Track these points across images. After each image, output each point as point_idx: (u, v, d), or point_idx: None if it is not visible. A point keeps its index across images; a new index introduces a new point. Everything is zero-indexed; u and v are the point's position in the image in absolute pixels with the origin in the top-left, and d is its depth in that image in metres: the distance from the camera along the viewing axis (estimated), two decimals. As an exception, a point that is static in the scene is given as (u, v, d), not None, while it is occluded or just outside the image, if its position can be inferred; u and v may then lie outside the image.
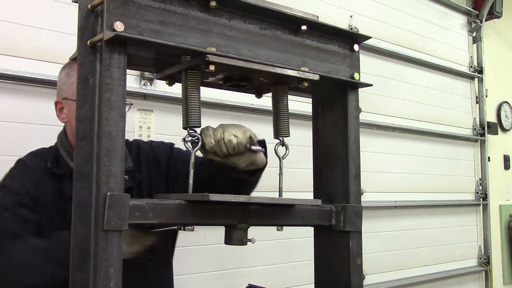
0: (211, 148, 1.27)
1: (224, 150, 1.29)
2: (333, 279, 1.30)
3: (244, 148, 1.32)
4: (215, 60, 1.04)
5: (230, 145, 1.29)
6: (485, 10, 5.09)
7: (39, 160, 1.64)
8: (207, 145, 1.27)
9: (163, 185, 1.72)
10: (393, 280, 4.01)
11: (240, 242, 1.17)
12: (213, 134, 1.28)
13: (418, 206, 4.33)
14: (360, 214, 1.28)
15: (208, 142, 1.27)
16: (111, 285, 0.93)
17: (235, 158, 1.34)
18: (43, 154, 1.68)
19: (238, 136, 1.31)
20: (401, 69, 4.33)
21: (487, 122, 5.07)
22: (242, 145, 1.31)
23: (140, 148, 1.78)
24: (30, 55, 2.38)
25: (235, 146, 1.30)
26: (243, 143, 1.31)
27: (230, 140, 1.29)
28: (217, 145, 1.28)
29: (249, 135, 1.33)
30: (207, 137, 1.27)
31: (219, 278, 2.98)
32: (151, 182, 1.72)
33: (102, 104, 0.96)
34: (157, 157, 1.77)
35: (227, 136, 1.29)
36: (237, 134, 1.31)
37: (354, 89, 1.31)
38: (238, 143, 1.30)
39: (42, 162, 1.63)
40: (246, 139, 1.32)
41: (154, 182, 1.72)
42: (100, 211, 0.94)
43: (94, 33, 1.00)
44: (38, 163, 1.63)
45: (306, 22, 1.20)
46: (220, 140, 1.28)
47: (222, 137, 1.28)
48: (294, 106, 2.06)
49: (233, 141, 1.29)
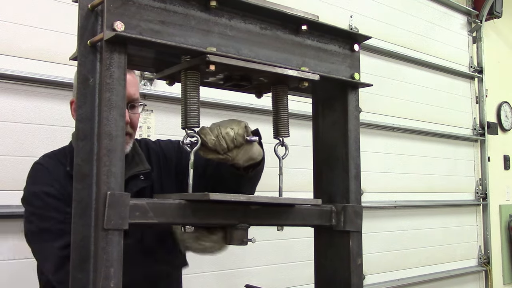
0: (214, 145, 1.28)
1: (224, 144, 1.30)
2: (333, 279, 1.30)
3: (242, 139, 1.33)
4: (215, 60, 1.04)
5: (229, 137, 1.30)
6: (485, 10, 5.09)
7: (57, 163, 1.60)
8: (209, 142, 1.27)
9: (173, 185, 1.71)
10: (393, 280, 4.01)
11: (240, 242, 1.17)
12: (211, 132, 1.29)
13: (418, 206, 4.33)
14: (360, 214, 1.28)
15: (209, 139, 1.27)
16: (111, 285, 0.93)
17: (235, 152, 1.35)
18: (59, 156, 1.64)
19: (234, 128, 1.32)
20: (401, 69, 4.33)
21: (487, 122, 5.08)
22: (239, 136, 1.32)
23: (149, 147, 1.77)
24: (30, 55, 2.37)
25: (233, 138, 1.31)
26: (240, 133, 1.32)
27: (227, 133, 1.30)
28: (217, 141, 1.28)
29: (243, 125, 1.35)
30: (207, 135, 1.28)
31: (219, 278, 2.98)
32: (163, 182, 1.70)
33: (102, 104, 0.96)
34: (166, 156, 1.76)
35: (224, 130, 1.30)
36: (232, 126, 1.32)
37: (354, 89, 1.31)
38: (236, 134, 1.31)
39: (60, 165, 1.59)
40: (242, 129, 1.33)
41: (165, 182, 1.71)
42: (100, 210, 0.94)
43: (94, 33, 1.00)
44: (57, 166, 1.59)
45: (306, 22, 1.20)
46: (218, 135, 1.29)
47: (219, 132, 1.29)
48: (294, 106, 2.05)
49: (230, 133, 1.30)
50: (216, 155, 1.32)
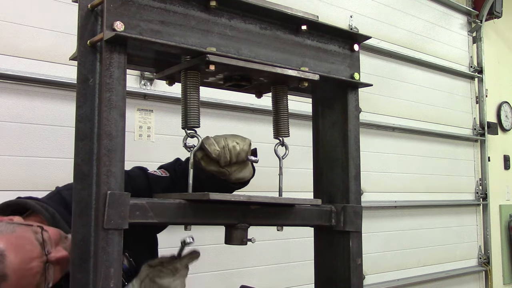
0: (217, 155, 1.28)
1: (228, 157, 1.30)
2: (333, 279, 1.30)
3: (245, 156, 1.34)
4: (215, 60, 1.04)
5: (234, 151, 1.32)
6: (485, 10, 5.10)
7: None
8: (212, 152, 1.28)
9: None
10: (393, 280, 4.01)
11: (240, 242, 1.17)
12: (216, 142, 1.29)
13: (418, 206, 4.33)
14: (360, 214, 1.28)
15: (213, 149, 1.28)
16: (111, 285, 0.93)
17: (233, 168, 1.35)
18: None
19: (239, 143, 1.33)
20: (401, 69, 4.33)
21: (487, 122, 5.08)
22: (244, 152, 1.34)
23: None
24: (30, 55, 2.38)
25: (238, 153, 1.32)
26: (245, 149, 1.34)
27: (234, 146, 1.32)
28: (222, 152, 1.29)
29: (248, 142, 1.36)
30: (211, 146, 1.28)
31: (219, 278, 2.98)
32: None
33: (102, 104, 0.96)
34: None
35: (231, 143, 1.31)
36: (238, 141, 1.33)
37: (354, 89, 1.31)
38: (241, 150, 1.33)
39: None
40: (247, 145, 1.34)
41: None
42: (100, 210, 0.94)
43: (94, 33, 1.00)
44: None
45: (306, 22, 1.20)
46: (225, 147, 1.30)
47: (227, 144, 1.30)
48: (294, 106, 2.06)
49: (236, 147, 1.32)
50: (217, 167, 1.32)
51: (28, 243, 1.22)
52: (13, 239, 1.21)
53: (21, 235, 1.23)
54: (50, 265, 1.24)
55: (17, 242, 1.21)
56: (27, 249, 1.21)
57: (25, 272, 1.19)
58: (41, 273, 1.22)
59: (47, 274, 1.23)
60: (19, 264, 1.18)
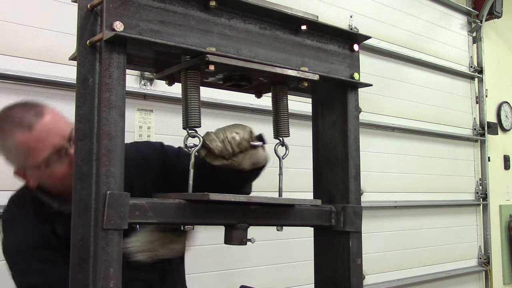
0: (220, 151, 1.28)
1: (229, 149, 1.30)
2: (333, 279, 1.30)
3: (247, 143, 1.33)
4: (215, 60, 1.04)
5: (235, 142, 1.30)
6: (485, 10, 5.10)
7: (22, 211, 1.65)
8: (215, 149, 1.27)
9: (156, 186, 1.59)
10: (393, 280, 4.01)
11: (240, 242, 1.17)
12: (216, 137, 1.29)
13: (418, 206, 4.33)
14: (360, 214, 1.28)
15: (215, 145, 1.27)
16: (111, 285, 0.93)
17: (240, 157, 1.34)
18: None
19: (239, 132, 1.32)
20: (401, 69, 4.33)
21: (487, 122, 5.08)
22: (245, 140, 1.32)
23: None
24: (30, 55, 2.38)
25: (239, 143, 1.31)
26: (246, 138, 1.32)
27: (233, 137, 1.30)
28: (223, 146, 1.28)
29: (248, 129, 1.35)
30: (213, 142, 1.28)
31: (219, 278, 2.98)
32: (146, 185, 1.58)
33: (102, 104, 0.96)
34: (146, 159, 1.66)
35: (230, 135, 1.30)
36: (237, 131, 1.32)
37: (354, 89, 1.31)
38: (241, 139, 1.32)
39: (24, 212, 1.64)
40: (247, 133, 1.33)
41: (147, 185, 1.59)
42: (100, 210, 0.94)
43: (93, 33, 1.00)
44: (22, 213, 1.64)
45: (306, 22, 1.20)
46: (224, 140, 1.29)
47: (225, 136, 1.29)
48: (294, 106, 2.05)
49: (236, 137, 1.31)
50: (221, 161, 1.32)
51: (64, 125, 1.51)
52: (56, 114, 1.54)
53: (63, 118, 1.55)
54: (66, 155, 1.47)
55: (57, 118, 1.53)
56: (60, 126, 1.50)
57: (46, 140, 1.45)
58: (57, 153, 1.46)
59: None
60: (47, 129, 1.46)
